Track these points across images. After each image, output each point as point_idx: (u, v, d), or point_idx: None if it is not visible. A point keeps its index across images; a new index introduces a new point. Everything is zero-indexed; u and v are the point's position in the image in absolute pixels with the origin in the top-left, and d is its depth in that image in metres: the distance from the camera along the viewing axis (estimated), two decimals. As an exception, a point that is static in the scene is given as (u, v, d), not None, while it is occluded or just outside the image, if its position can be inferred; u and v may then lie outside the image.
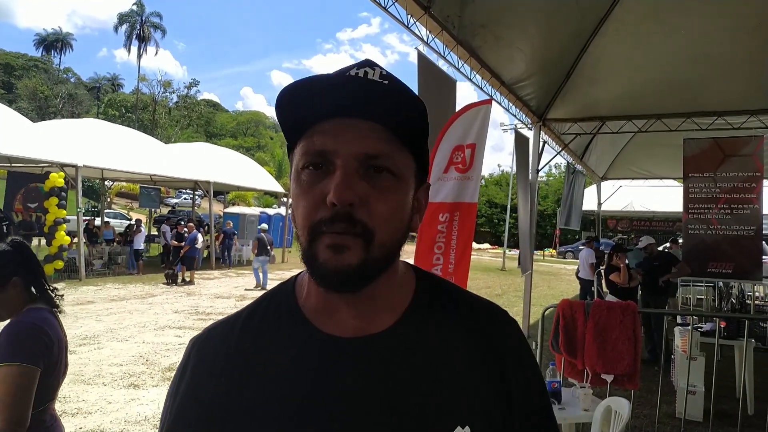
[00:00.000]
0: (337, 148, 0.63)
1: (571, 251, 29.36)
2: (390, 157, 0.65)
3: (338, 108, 0.64)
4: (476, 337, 0.72)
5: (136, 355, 6.50)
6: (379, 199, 0.63)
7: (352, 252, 0.62)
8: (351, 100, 0.63)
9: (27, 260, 1.75)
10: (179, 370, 0.72)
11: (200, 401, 0.67)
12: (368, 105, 0.63)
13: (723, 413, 4.71)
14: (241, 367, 0.68)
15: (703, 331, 5.55)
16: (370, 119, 0.64)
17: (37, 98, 48.16)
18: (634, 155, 12.00)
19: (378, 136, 0.64)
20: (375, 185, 0.63)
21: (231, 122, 67.73)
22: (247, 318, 0.73)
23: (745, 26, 5.77)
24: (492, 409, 0.69)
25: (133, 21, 57.37)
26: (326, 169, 0.63)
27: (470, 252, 4.34)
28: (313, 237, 0.63)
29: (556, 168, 38.99)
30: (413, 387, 0.66)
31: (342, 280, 0.62)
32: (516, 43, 5.76)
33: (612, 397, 2.97)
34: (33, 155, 11.52)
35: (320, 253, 0.62)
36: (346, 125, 0.64)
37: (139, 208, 27.79)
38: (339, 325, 0.68)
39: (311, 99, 0.63)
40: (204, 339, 0.73)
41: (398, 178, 0.65)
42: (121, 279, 13.37)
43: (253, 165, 21.32)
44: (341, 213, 0.61)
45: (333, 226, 0.61)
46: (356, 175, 0.63)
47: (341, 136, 0.63)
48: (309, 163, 0.64)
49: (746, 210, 6.70)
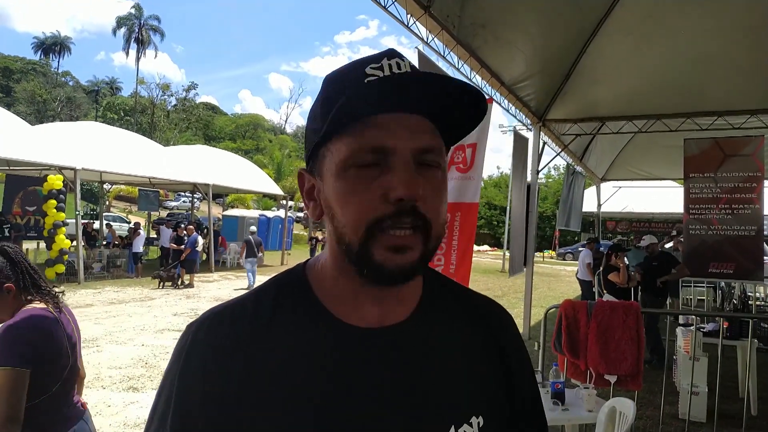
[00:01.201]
0: (395, 144, 0.62)
1: (570, 253, 29.35)
2: (440, 153, 0.66)
3: (388, 102, 0.62)
4: (480, 330, 0.76)
5: (135, 358, 6.46)
6: (434, 194, 0.64)
7: (415, 250, 0.62)
8: (399, 94, 0.62)
9: (16, 264, 1.82)
10: (181, 355, 0.67)
11: (209, 385, 0.64)
12: (417, 100, 0.63)
13: (726, 414, 4.68)
14: (257, 353, 0.65)
15: (705, 331, 5.53)
16: (418, 113, 0.64)
17: (36, 101, 48.22)
18: (633, 156, 12.00)
19: (428, 129, 0.65)
20: (428, 179, 0.63)
21: (230, 125, 67.68)
22: (257, 304, 0.69)
23: (745, 26, 5.77)
24: (500, 400, 0.73)
25: (132, 24, 57.48)
26: (380, 166, 0.62)
27: (471, 252, 4.32)
28: (370, 235, 0.61)
29: (555, 169, 39.02)
30: (431, 378, 0.68)
31: (404, 278, 0.63)
32: (516, 43, 5.75)
33: (616, 398, 2.94)
34: (32, 158, 11.49)
35: (377, 254, 0.61)
36: (401, 119, 0.63)
37: (137, 211, 27.78)
38: (361, 316, 0.68)
39: (358, 91, 0.62)
40: (210, 323, 0.68)
41: (444, 174, 0.67)
42: (119, 282, 13.33)
43: (252, 167, 21.31)
44: (408, 208, 0.61)
45: (400, 221, 0.61)
46: (416, 170, 0.62)
47: (396, 131, 0.62)
48: (361, 159, 0.62)
49: (747, 210, 6.68)
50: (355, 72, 0.65)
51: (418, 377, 0.67)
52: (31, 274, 1.84)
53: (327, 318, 0.68)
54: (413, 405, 0.65)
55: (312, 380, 0.64)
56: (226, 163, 19.67)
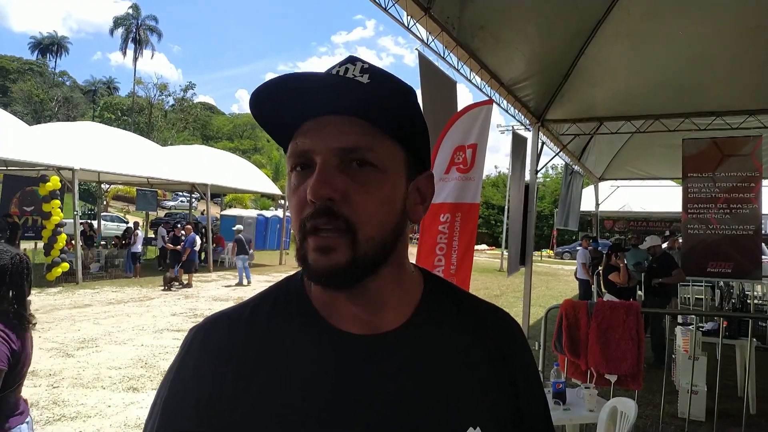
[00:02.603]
0: (315, 146, 0.63)
1: (568, 252, 29.41)
2: (370, 150, 0.64)
3: (315, 107, 0.64)
4: (483, 339, 0.73)
5: (134, 358, 6.46)
6: (361, 193, 0.63)
7: (339, 252, 0.62)
8: (326, 97, 0.63)
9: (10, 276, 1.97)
10: (179, 358, 0.69)
11: (203, 387, 0.65)
12: (343, 100, 0.63)
13: (725, 413, 4.70)
14: (251, 358, 0.66)
15: (703, 330, 5.56)
16: (347, 113, 0.64)
17: (33, 102, 48.04)
18: (631, 156, 12.01)
19: (356, 129, 0.63)
20: (356, 179, 0.63)
21: (227, 125, 67.55)
22: (254, 310, 0.71)
23: (743, 27, 5.78)
24: (501, 410, 0.70)
25: (129, 24, 57.32)
26: (311, 169, 0.64)
27: (472, 253, 4.32)
28: (303, 236, 0.64)
29: (553, 169, 39.07)
30: (425, 387, 0.66)
31: (332, 279, 0.63)
32: (515, 44, 5.75)
33: (618, 398, 2.96)
34: (29, 158, 11.46)
35: (309, 254, 0.63)
36: (324, 122, 0.64)
37: (135, 211, 27.71)
38: (348, 321, 0.68)
39: (289, 101, 0.63)
40: (208, 328, 0.70)
41: (382, 170, 0.64)
42: (118, 282, 13.31)
43: (250, 167, 21.27)
44: (321, 209, 0.62)
45: (314, 222, 0.62)
46: (335, 171, 0.62)
47: (319, 134, 0.64)
48: (296, 165, 0.65)
49: (745, 210, 6.70)
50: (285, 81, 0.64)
51: (411, 387, 0.65)
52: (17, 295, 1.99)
53: (321, 325, 0.68)
54: (405, 416, 0.64)
55: (303, 387, 0.64)
56: (224, 163, 19.62)
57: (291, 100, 0.63)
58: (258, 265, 18.41)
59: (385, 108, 0.64)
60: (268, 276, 13.44)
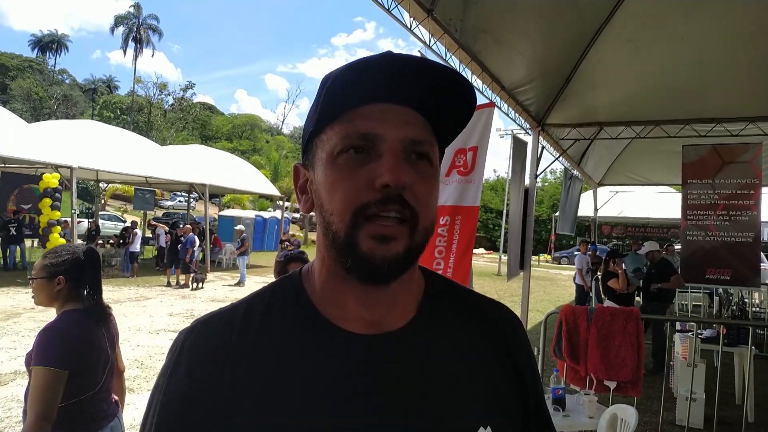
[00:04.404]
0: (384, 132, 0.62)
1: (566, 257, 29.41)
2: (430, 144, 0.65)
3: (377, 93, 0.63)
4: (489, 335, 0.73)
5: (130, 358, 6.42)
6: (422, 185, 0.63)
7: (400, 241, 0.60)
8: (390, 86, 0.62)
9: (80, 267, 1.94)
10: (170, 363, 0.66)
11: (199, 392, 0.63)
12: (407, 92, 0.63)
13: (724, 420, 4.69)
14: (248, 360, 0.64)
15: (702, 337, 5.54)
16: (408, 106, 0.64)
17: (32, 99, 47.97)
18: (631, 161, 12.02)
19: (419, 122, 0.65)
20: (417, 171, 0.63)
21: (226, 125, 67.47)
22: (248, 311, 0.68)
23: (744, 33, 5.79)
24: (511, 407, 0.70)
25: (131, 23, 57.29)
26: (369, 154, 0.62)
27: (471, 256, 4.30)
28: (356, 223, 0.60)
29: (552, 173, 39.09)
30: (433, 387, 0.65)
31: (390, 269, 0.61)
32: (517, 47, 5.74)
33: (618, 405, 2.93)
34: (28, 156, 11.43)
35: (363, 242, 0.60)
36: (388, 110, 0.63)
37: (133, 211, 27.66)
38: (352, 320, 0.66)
39: (350, 84, 0.62)
40: (199, 330, 0.68)
41: (434, 166, 0.66)
42: (115, 281, 13.24)
43: (248, 168, 21.27)
44: (394, 195, 0.60)
45: (386, 208, 0.60)
46: (404, 160, 0.62)
47: (385, 121, 0.62)
48: (350, 147, 0.62)
49: (745, 217, 6.70)
50: (351, 67, 0.64)
51: (417, 388, 0.64)
52: (85, 281, 1.96)
53: (322, 322, 0.66)
54: (413, 419, 0.62)
55: (305, 389, 0.62)
56: (223, 163, 19.59)
57: (354, 83, 0.62)
58: (255, 267, 18.37)
59: (445, 112, 0.66)
60: (265, 278, 13.41)
